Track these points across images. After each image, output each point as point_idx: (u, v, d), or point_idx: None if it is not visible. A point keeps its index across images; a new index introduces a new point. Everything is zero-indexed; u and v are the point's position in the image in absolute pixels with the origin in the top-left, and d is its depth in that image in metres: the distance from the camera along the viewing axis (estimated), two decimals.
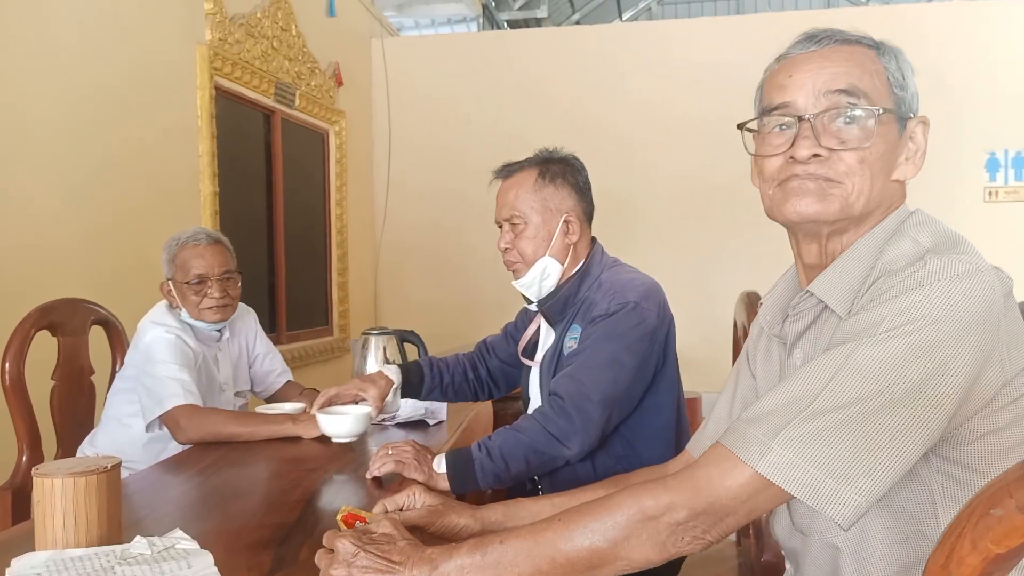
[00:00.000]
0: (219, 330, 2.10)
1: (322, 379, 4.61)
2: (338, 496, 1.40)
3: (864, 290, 0.87)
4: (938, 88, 5.25)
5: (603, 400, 1.46)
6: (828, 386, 0.77)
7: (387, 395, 1.71)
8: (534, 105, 5.67)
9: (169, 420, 1.84)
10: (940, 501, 0.84)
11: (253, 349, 2.27)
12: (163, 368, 1.89)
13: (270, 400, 2.29)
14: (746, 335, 1.89)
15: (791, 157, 0.90)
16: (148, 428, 1.90)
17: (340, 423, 1.66)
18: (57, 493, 1.03)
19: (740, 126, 0.97)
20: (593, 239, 1.71)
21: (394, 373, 1.75)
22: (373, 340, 2.10)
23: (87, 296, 2.19)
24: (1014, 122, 5.22)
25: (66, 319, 2.04)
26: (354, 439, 1.67)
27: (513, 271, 1.68)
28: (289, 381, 2.34)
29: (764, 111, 0.94)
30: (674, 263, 5.36)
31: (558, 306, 1.64)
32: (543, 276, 1.64)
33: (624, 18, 9.32)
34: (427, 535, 1.06)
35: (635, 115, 5.52)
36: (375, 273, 5.84)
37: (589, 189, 1.70)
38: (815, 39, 0.92)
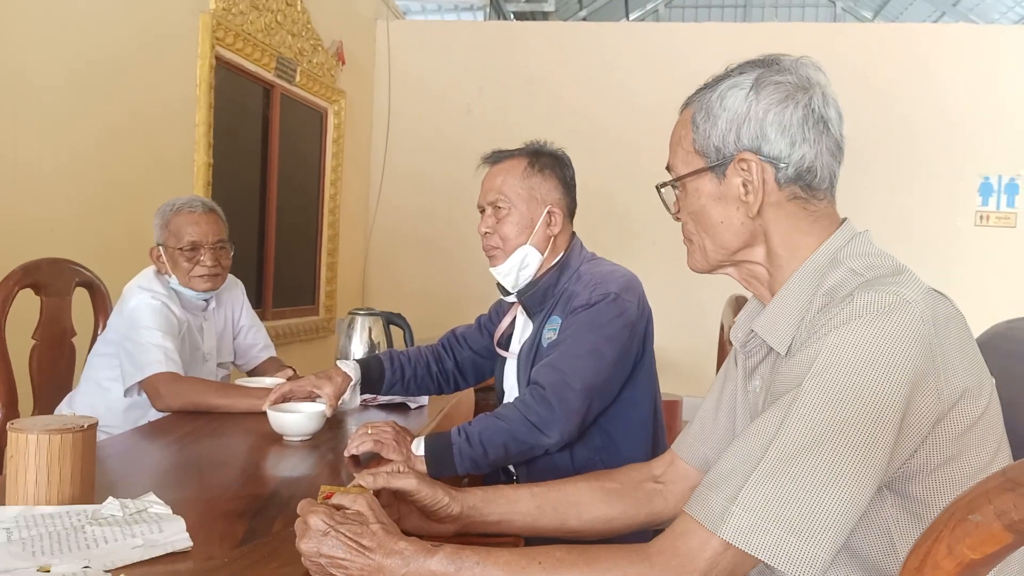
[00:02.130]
0: (206, 299, 2.09)
1: (305, 358, 4.59)
2: (315, 471, 1.39)
3: (806, 321, 0.89)
4: (936, 109, 5.28)
5: (584, 389, 1.45)
6: (775, 440, 0.79)
7: (344, 392, 1.66)
8: (536, 99, 5.65)
9: (149, 387, 1.83)
10: (898, 539, 0.84)
11: (238, 321, 2.25)
12: (146, 334, 1.87)
13: (251, 374, 2.27)
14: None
15: None
16: (127, 393, 1.88)
17: (290, 422, 1.56)
18: (31, 449, 1.02)
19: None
20: (573, 234, 1.71)
21: (352, 369, 1.70)
22: (359, 320, 2.10)
23: (79, 261, 2.17)
24: (1010, 148, 5.26)
25: (50, 279, 2.02)
26: (307, 438, 1.57)
27: (491, 257, 1.67)
28: (271, 357, 2.32)
29: None
30: (665, 268, 5.34)
31: (537, 297, 1.64)
32: (521, 265, 1.64)
33: (631, 18, 9.31)
34: (411, 505, 1.06)
35: (636, 116, 5.52)
36: (365, 256, 5.81)
37: (574, 186, 1.71)
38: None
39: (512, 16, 8.14)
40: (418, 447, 1.41)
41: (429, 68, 5.76)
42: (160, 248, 2.03)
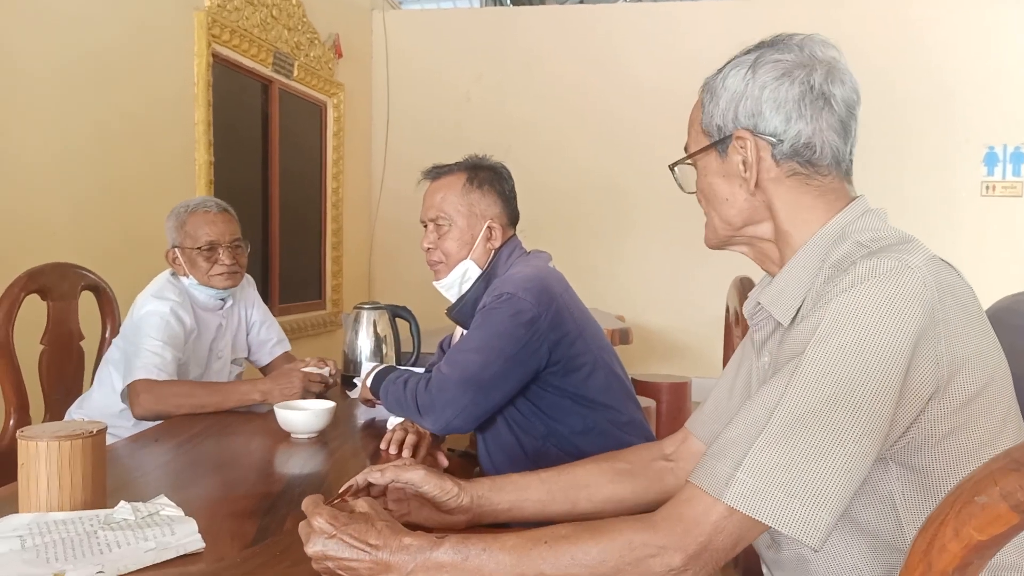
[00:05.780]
0: (222, 299, 2.10)
1: (313, 353, 4.59)
2: (324, 468, 1.40)
3: (811, 293, 0.89)
4: (939, 80, 5.23)
5: (462, 381, 1.46)
6: (779, 407, 0.79)
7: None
8: (535, 84, 5.62)
9: (131, 391, 1.82)
10: (903, 512, 0.84)
11: (250, 317, 2.26)
12: (147, 342, 1.88)
13: (264, 370, 2.28)
14: (739, 320, 1.88)
15: None
16: (122, 398, 1.88)
17: (298, 419, 1.56)
18: (42, 456, 1.03)
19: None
20: (512, 237, 1.71)
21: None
22: (364, 314, 2.10)
23: (80, 263, 2.18)
24: (1014, 117, 5.21)
25: (55, 283, 2.03)
26: (314, 435, 1.57)
27: (435, 271, 1.71)
28: (285, 352, 2.32)
29: None
30: (669, 250, 5.34)
31: (466, 311, 1.66)
32: (463, 279, 1.67)
33: None
34: (422, 498, 1.06)
35: (636, 98, 5.49)
36: (370, 248, 5.82)
37: (515, 197, 1.73)
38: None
39: (509, 2, 8.09)
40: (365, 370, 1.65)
41: (427, 57, 5.73)
42: (176, 250, 2.03)
